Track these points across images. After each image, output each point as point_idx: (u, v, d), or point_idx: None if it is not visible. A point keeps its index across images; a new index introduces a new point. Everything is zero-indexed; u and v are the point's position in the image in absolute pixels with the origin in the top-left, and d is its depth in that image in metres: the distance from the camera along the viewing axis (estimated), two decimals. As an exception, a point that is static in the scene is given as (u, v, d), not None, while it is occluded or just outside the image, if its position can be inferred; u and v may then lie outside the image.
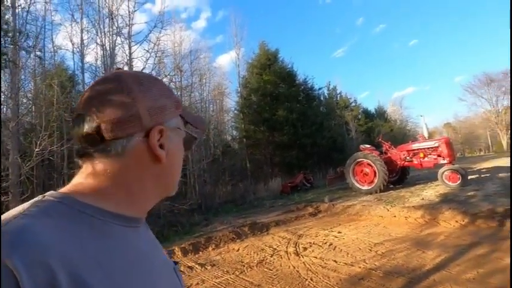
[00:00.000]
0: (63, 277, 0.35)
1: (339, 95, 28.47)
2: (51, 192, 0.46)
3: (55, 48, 10.69)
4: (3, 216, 0.39)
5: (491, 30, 69.25)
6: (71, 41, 10.24)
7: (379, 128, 25.95)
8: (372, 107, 33.05)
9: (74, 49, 10.24)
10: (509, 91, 39.43)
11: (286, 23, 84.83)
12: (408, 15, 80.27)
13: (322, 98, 24.44)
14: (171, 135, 0.53)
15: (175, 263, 0.62)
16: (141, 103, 0.49)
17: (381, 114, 33.00)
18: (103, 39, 10.18)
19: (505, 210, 4.99)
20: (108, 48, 10.23)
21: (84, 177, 0.49)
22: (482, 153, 40.84)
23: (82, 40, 10.19)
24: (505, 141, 38.28)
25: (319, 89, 23.52)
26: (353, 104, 28.99)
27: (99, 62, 10.70)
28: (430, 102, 78.97)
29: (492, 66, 73.42)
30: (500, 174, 9.54)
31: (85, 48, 10.43)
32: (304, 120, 17.84)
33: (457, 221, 5.19)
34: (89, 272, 0.38)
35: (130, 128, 0.47)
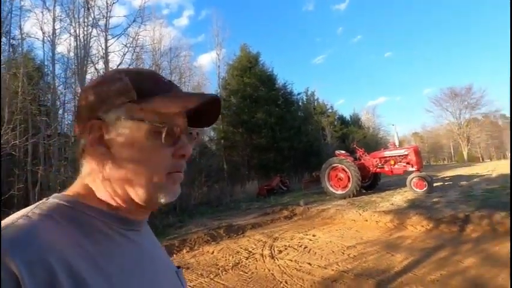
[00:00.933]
0: (64, 278, 0.36)
1: (316, 101, 29.18)
2: (56, 194, 0.47)
3: (23, 35, 10.00)
4: (9, 218, 0.40)
5: (459, 46, 74.64)
6: (42, 29, 9.62)
7: (353, 135, 26.89)
8: (347, 114, 34.21)
9: (45, 38, 9.63)
10: (470, 106, 42.64)
11: (268, 27, 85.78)
12: (384, 28, 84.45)
13: (300, 103, 24.91)
14: (114, 129, 0.46)
15: (178, 267, 0.61)
16: (83, 101, 0.49)
17: (355, 121, 34.23)
18: (77, 30, 9.69)
19: (465, 216, 5.37)
20: (82, 40, 9.75)
21: (81, 178, 0.50)
22: (445, 162, 43.67)
23: (54, 29, 9.62)
24: (465, 152, 41.21)
25: (298, 94, 24.02)
26: (329, 111, 29.81)
27: (71, 54, 10.16)
28: (400, 112, 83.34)
29: (457, 81, 79.21)
30: (461, 182, 10.24)
31: (57, 38, 9.85)
32: (282, 124, 18.08)
33: (422, 226, 5.49)
34: (90, 273, 0.39)
35: (79, 127, 0.49)
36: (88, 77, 10.68)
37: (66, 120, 11.14)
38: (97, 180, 0.48)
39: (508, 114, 49.17)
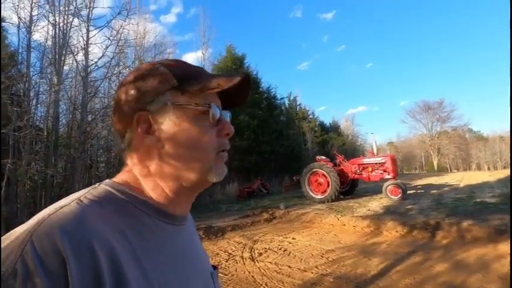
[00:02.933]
0: (106, 265, 0.37)
1: (298, 106, 29.62)
2: (107, 180, 0.49)
3: (-5, 19, 9.36)
4: (64, 200, 0.42)
5: (435, 61, 78.84)
6: (17, 14, 9.07)
7: (333, 141, 27.56)
8: (327, 121, 34.95)
9: (20, 24, 9.09)
10: (442, 119, 45.14)
11: (255, 30, 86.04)
12: (367, 39, 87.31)
13: (283, 108, 25.18)
14: (161, 117, 0.48)
15: (215, 268, 0.61)
16: (123, 95, 0.50)
17: (335, 128, 35.04)
18: (57, 17, 9.24)
19: (436, 223, 5.65)
20: (61, 29, 9.30)
21: (128, 168, 0.51)
22: (417, 171, 45.78)
23: (31, 15, 9.10)
24: (435, 162, 43.51)
25: (281, 98, 24.26)
26: (311, 116, 30.32)
27: (49, 42, 9.65)
28: (378, 121, 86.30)
29: (431, 94, 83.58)
30: (432, 191, 10.79)
31: (34, 24, 9.32)
32: (265, 127, 18.18)
33: (397, 231, 5.72)
34: (129, 264, 0.40)
35: (123, 122, 0.50)
36: (66, 68, 10.21)
37: (39, 112, 10.56)
38: (145, 170, 0.49)
39: (475, 129, 52.53)
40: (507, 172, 20.87)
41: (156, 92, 0.48)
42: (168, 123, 0.47)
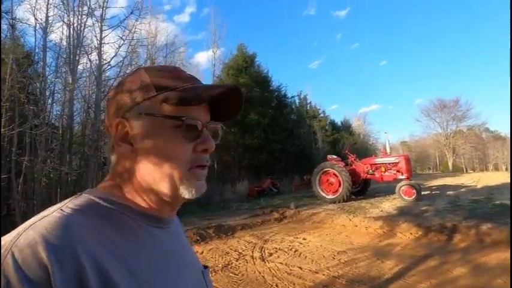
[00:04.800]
0: (91, 271, 0.37)
1: (309, 105, 29.35)
2: (88, 189, 0.49)
3: (13, 20, 9.63)
4: (46, 211, 0.42)
5: (451, 59, 76.64)
6: (34, 15, 9.30)
7: (344, 140, 27.17)
8: (338, 120, 34.51)
9: (37, 25, 9.31)
10: (457, 118, 43.85)
11: (266, 28, 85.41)
12: (381, 37, 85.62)
13: (293, 106, 25.00)
14: (136, 126, 0.47)
15: (205, 267, 0.61)
16: (109, 100, 0.51)
17: (346, 127, 34.57)
18: (71, 18, 9.42)
19: (453, 226, 5.47)
20: (76, 29, 9.48)
21: (111, 174, 0.52)
22: (431, 171, 44.67)
23: (47, 16, 9.31)
24: (450, 162, 42.33)
25: (292, 97, 24.09)
26: (322, 115, 30.00)
27: (64, 43, 9.86)
28: (391, 120, 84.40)
29: (447, 93, 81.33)
30: (448, 192, 10.47)
31: (50, 25, 9.53)
32: (275, 126, 18.07)
33: (411, 233, 5.56)
34: (115, 268, 0.40)
35: (107, 125, 0.51)
36: (80, 67, 10.41)
37: (55, 110, 10.82)
38: (124, 177, 0.50)
39: (492, 129, 50.80)
40: (527, 173, 20.05)
41: (134, 101, 0.48)
42: (141, 133, 0.47)
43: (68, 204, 0.43)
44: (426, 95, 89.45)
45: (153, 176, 0.47)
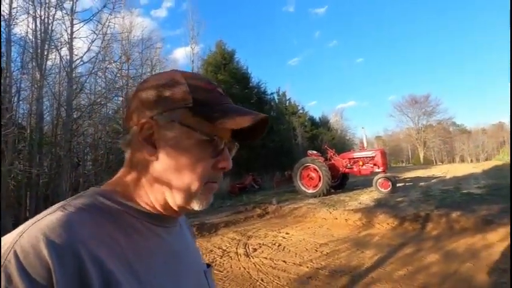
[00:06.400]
0: (93, 270, 0.37)
1: (288, 101, 29.64)
2: (93, 188, 0.49)
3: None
4: (49, 209, 0.42)
5: (422, 57, 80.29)
6: (-5, 6, 8.59)
7: (322, 136, 27.77)
8: (317, 116, 35.13)
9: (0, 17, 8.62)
10: (428, 113, 46.21)
11: (245, 25, 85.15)
12: (358, 35, 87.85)
13: (273, 103, 25.14)
14: (165, 131, 0.47)
15: (208, 265, 0.61)
16: (140, 97, 0.49)
17: (324, 123, 35.27)
18: (38, 10, 8.84)
19: (426, 215, 5.79)
20: (43, 22, 8.92)
21: (122, 173, 0.52)
22: (404, 164, 46.81)
23: (11, 8, 8.67)
24: (422, 155, 44.61)
25: (271, 93, 24.21)
26: (301, 111, 30.41)
27: (30, 36, 9.24)
28: (366, 116, 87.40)
29: (418, 89, 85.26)
30: (420, 183, 11.05)
31: (13, 18, 8.88)
32: (255, 123, 18.11)
33: (388, 224, 5.82)
34: (118, 266, 0.40)
35: (131, 121, 0.50)
36: (49, 63, 9.83)
37: (21, 109, 10.14)
38: (137, 176, 0.50)
39: (458, 123, 53.97)
40: (490, 164, 21.58)
41: (168, 106, 0.47)
42: (169, 140, 0.47)
43: (71, 203, 0.43)
44: (399, 91, 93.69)
45: (171, 183, 0.47)
